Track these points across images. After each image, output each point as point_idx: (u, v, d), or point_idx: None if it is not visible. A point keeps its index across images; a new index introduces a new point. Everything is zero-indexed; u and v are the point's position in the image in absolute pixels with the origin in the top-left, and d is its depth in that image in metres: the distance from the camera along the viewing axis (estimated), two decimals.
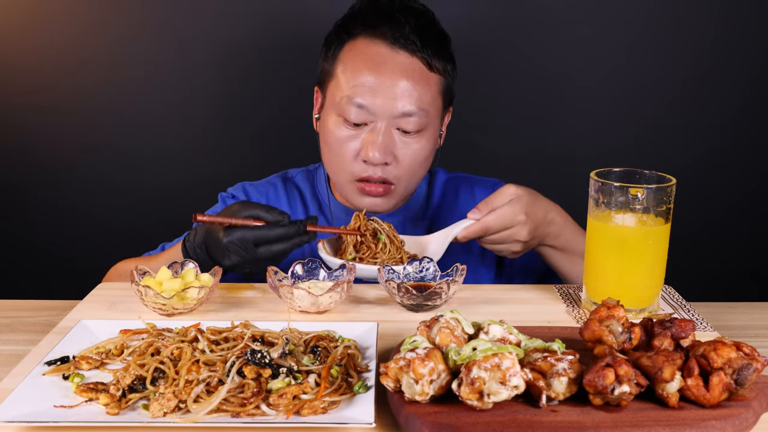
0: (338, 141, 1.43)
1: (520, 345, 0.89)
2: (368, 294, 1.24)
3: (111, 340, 1.01)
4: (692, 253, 2.23)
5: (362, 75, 1.40)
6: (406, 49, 1.41)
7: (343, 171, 1.45)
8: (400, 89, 1.39)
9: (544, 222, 1.33)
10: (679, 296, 1.25)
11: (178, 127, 2.19)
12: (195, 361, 0.89)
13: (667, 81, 2.20)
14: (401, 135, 1.42)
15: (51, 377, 0.91)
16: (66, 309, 1.18)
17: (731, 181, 2.27)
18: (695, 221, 2.21)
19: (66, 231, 2.25)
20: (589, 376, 0.80)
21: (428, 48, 1.42)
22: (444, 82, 1.46)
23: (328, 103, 1.46)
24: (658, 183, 1.10)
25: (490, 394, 0.78)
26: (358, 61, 1.41)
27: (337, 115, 1.43)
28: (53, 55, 2.13)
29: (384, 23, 1.42)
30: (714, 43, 2.17)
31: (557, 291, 1.27)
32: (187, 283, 1.14)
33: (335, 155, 1.45)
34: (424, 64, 1.41)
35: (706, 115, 2.22)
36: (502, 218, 1.28)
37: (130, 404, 0.85)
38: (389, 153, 1.41)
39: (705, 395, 0.81)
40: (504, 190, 1.30)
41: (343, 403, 0.85)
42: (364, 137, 1.41)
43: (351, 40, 1.44)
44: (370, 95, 1.39)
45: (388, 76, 1.39)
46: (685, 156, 2.22)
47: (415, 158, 1.44)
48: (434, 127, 1.46)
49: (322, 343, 0.97)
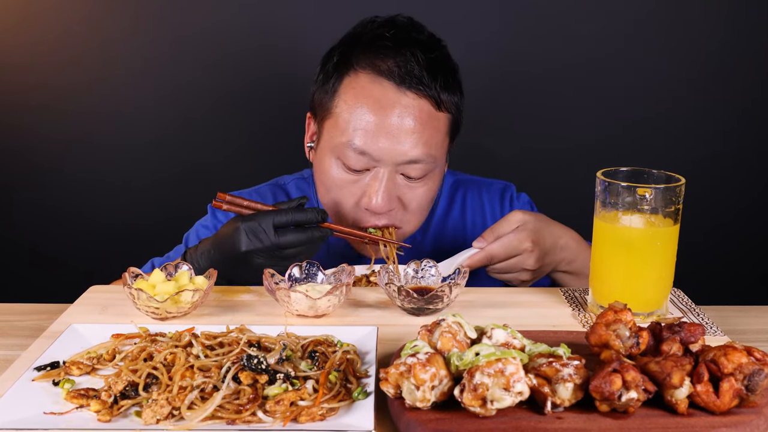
0: (337, 186, 1.37)
1: (524, 350, 0.89)
2: (368, 297, 1.23)
3: (102, 344, 1.00)
4: (702, 255, 2.23)
5: (364, 117, 1.32)
6: (413, 89, 1.32)
7: (343, 217, 1.39)
8: (406, 134, 1.31)
9: (555, 248, 1.31)
10: (688, 299, 1.25)
11: (171, 127, 2.20)
12: (189, 367, 0.89)
13: (676, 79, 2.20)
14: (405, 180, 1.36)
15: (40, 383, 0.91)
16: (56, 312, 1.18)
17: (742, 180, 2.28)
18: (705, 222, 2.21)
19: (56, 232, 2.26)
20: (595, 381, 0.80)
21: (437, 85, 1.33)
22: (452, 119, 1.39)
23: (324, 142, 1.39)
24: (667, 183, 1.10)
25: (494, 400, 0.78)
26: (360, 101, 1.33)
27: (336, 158, 1.36)
28: (43, 53, 2.13)
29: (389, 58, 1.34)
30: (722, 41, 2.18)
31: (563, 294, 1.27)
32: (181, 285, 1.14)
33: (333, 198, 1.39)
34: (432, 104, 1.34)
35: (716, 113, 2.23)
36: (507, 246, 1.26)
37: (122, 411, 0.85)
38: (393, 199, 1.36)
39: (715, 402, 0.81)
40: (510, 217, 1.28)
41: (341, 410, 0.85)
42: (365, 183, 1.35)
43: (352, 74, 1.35)
44: (373, 140, 1.31)
45: (393, 118, 1.31)
46: (694, 155, 2.23)
47: (421, 202, 1.40)
48: (441, 167, 1.41)
49: (320, 348, 0.97)
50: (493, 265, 1.29)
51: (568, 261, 1.34)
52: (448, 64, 1.39)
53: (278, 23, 2.13)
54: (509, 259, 1.28)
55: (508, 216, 1.29)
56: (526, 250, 1.27)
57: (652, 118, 2.22)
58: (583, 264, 1.34)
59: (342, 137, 1.33)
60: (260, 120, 2.19)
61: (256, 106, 2.18)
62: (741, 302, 1.31)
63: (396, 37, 1.35)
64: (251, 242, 1.19)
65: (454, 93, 1.38)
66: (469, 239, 1.42)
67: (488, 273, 1.32)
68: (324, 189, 1.41)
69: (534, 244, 1.27)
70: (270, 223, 1.19)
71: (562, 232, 1.33)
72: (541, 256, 1.29)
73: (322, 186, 1.41)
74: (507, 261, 1.28)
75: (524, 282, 1.33)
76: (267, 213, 1.21)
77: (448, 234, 1.53)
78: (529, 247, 1.27)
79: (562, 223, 1.35)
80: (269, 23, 2.13)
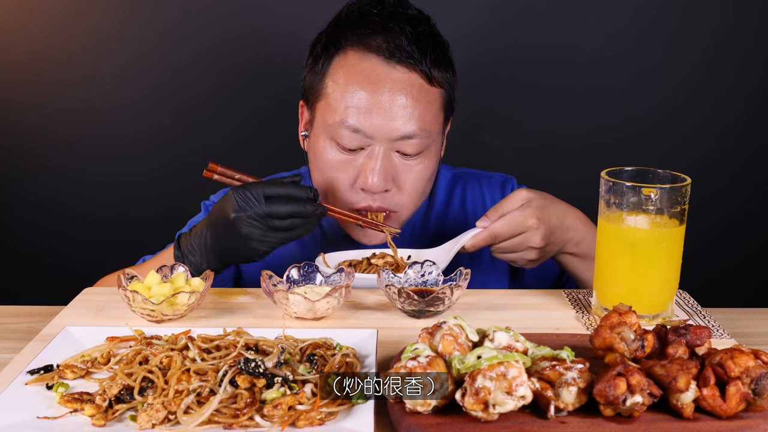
0: (331, 167, 1.38)
1: (527, 353, 0.89)
2: (367, 299, 1.23)
3: (97, 347, 1.00)
4: (708, 256, 2.23)
5: (356, 94, 1.33)
6: (404, 63, 1.34)
7: (337, 199, 1.40)
8: (398, 109, 1.32)
9: (561, 227, 1.30)
10: (694, 302, 1.25)
11: (164, 125, 2.20)
12: (185, 371, 0.89)
13: (682, 75, 2.20)
14: (401, 158, 1.37)
15: (34, 387, 0.91)
16: (50, 315, 1.18)
17: (749, 180, 2.28)
18: (711, 223, 2.21)
19: (50, 232, 2.26)
20: (599, 385, 0.80)
21: (428, 59, 1.35)
22: (445, 95, 1.40)
23: (317, 124, 1.40)
24: (673, 183, 1.10)
25: (496, 404, 0.78)
26: (350, 79, 1.34)
27: (329, 139, 1.37)
28: (33, 51, 2.13)
29: (377, 34, 1.35)
30: (731, 34, 2.17)
31: (566, 296, 1.27)
32: (176, 287, 1.14)
33: (328, 180, 1.39)
34: (423, 79, 1.35)
35: (723, 110, 2.22)
36: (512, 223, 1.25)
37: (117, 415, 0.85)
38: (389, 179, 1.36)
39: (721, 406, 0.81)
40: (514, 195, 1.27)
41: (340, 414, 0.85)
42: (360, 163, 1.36)
43: (340, 54, 1.37)
44: (365, 117, 1.32)
45: (385, 94, 1.32)
46: (700, 154, 2.23)
47: (418, 182, 1.39)
48: (436, 144, 1.41)
49: (319, 351, 0.97)
50: (497, 245, 1.27)
51: (576, 242, 1.32)
52: (438, 39, 1.41)
53: (277, 22, 2.13)
54: (514, 237, 1.26)
55: (512, 194, 1.27)
56: (531, 227, 1.25)
57: (658, 116, 2.22)
58: (590, 246, 1.32)
59: (334, 116, 1.35)
60: (257, 117, 2.19)
61: (251, 105, 2.18)
62: (748, 304, 1.31)
63: (383, 13, 1.37)
64: (240, 208, 1.19)
65: (446, 69, 1.39)
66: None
67: (492, 253, 1.30)
68: (318, 172, 1.41)
69: (539, 220, 1.25)
70: (261, 192, 1.19)
71: (568, 211, 1.31)
72: (547, 234, 1.27)
73: (317, 170, 1.41)
74: (512, 239, 1.26)
75: (531, 262, 1.31)
76: (259, 182, 1.22)
77: (448, 227, 1.53)
78: (534, 224, 1.25)
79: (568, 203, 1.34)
80: (268, 22, 2.13)
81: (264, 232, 1.20)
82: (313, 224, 1.24)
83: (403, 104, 1.33)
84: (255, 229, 1.20)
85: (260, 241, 1.21)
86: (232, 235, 1.21)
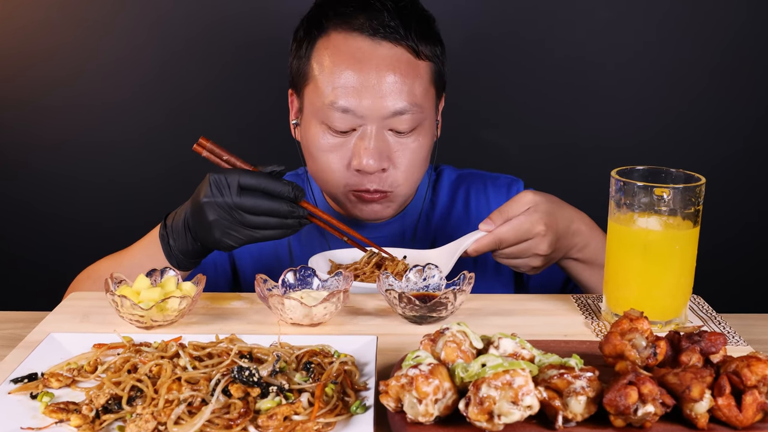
0: (324, 151, 1.40)
1: (533, 361, 0.89)
2: (367, 305, 1.23)
3: (83, 355, 1.00)
4: (723, 259, 2.23)
5: (343, 74, 1.36)
6: (389, 39, 1.37)
7: (333, 183, 1.42)
8: (387, 85, 1.35)
9: (568, 233, 1.29)
10: (708, 307, 1.25)
11: (156, 124, 2.20)
12: (176, 379, 0.89)
13: (696, 71, 2.20)
14: (395, 136, 1.39)
15: (17, 396, 0.91)
16: (34, 321, 1.18)
17: (765, 180, 2.28)
18: (726, 225, 2.21)
19: (35, 234, 2.25)
20: (609, 395, 0.80)
21: (413, 33, 1.38)
22: (434, 68, 1.43)
23: (307, 109, 1.43)
24: (686, 182, 1.10)
25: (501, 414, 0.78)
26: (336, 60, 1.37)
27: (320, 123, 1.39)
28: (17, 45, 2.14)
29: (358, 12, 1.38)
30: (746, 29, 2.17)
31: (575, 301, 1.27)
32: (167, 292, 1.14)
33: (322, 167, 1.42)
34: (410, 53, 1.38)
35: (738, 108, 2.23)
36: (518, 229, 1.24)
37: (104, 426, 0.85)
38: (384, 158, 1.38)
39: (737, 416, 0.81)
40: (520, 198, 1.26)
41: (339, 425, 0.85)
42: (353, 144, 1.38)
43: (324, 36, 1.40)
44: (354, 97, 1.35)
45: (372, 72, 1.35)
46: (715, 153, 2.23)
47: (413, 160, 1.41)
48: (430, 120, 1.44)
49: (316, 359, 0.97)
50: (501, 250, 1.27)
51: (580, 247, 1.32)
52: (422, 12, 1.44)
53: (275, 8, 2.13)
54: (520, 244, 1.25)
55: (517, 196, 1.26)
56: (538, 234, 1.25)
57: (672, 114, 2.22)
58: (594, 251, 1.32)
59: (323, 99, 1.37)
60: (256, 113, 2.19)
61: (246, 104, 2.19)
62: (765, 310, 1.32)
63: None
64: (212, 194, 1.19)
65: (432, 42, 1.42)
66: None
67: (495, 258, 1.30)
68: (312, 160, 1.44)
69: (547, 227, 1.25)
70: (236, 181, 1.19)
71: (574, 215, 1.31)
72: (554, 241, 1.27)
73: (310, 157, 1.44)
74: (517, 246, 1.25)
75: (534, 269, 1.31)
76: (238, 170, 1.22)
77: (451, 229, 1.54)
78: (542, 231, 1.24)
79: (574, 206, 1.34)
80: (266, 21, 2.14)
81: (230, 224, 1.20)
82: (289, 227, 1.23)
83: (391, 81, 1.36)
84: (222, 220, 1.20)
85: (225, 233, 1.21)
86: (201, 218, 1.21)
